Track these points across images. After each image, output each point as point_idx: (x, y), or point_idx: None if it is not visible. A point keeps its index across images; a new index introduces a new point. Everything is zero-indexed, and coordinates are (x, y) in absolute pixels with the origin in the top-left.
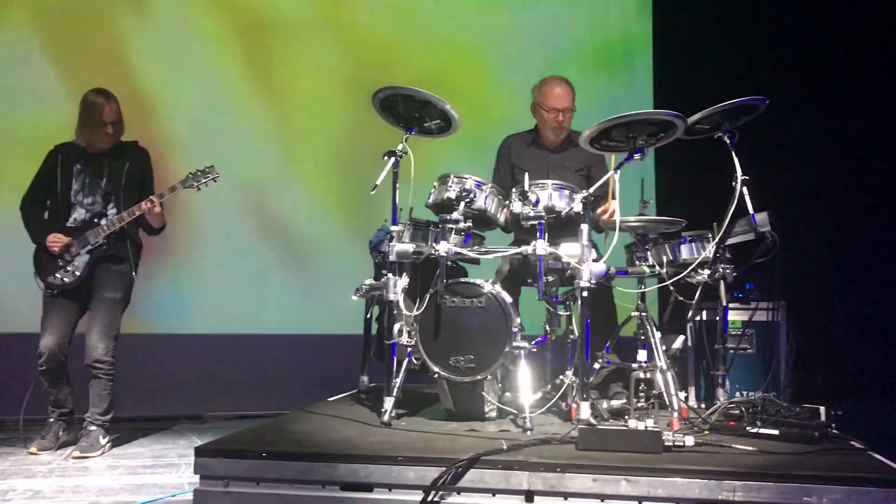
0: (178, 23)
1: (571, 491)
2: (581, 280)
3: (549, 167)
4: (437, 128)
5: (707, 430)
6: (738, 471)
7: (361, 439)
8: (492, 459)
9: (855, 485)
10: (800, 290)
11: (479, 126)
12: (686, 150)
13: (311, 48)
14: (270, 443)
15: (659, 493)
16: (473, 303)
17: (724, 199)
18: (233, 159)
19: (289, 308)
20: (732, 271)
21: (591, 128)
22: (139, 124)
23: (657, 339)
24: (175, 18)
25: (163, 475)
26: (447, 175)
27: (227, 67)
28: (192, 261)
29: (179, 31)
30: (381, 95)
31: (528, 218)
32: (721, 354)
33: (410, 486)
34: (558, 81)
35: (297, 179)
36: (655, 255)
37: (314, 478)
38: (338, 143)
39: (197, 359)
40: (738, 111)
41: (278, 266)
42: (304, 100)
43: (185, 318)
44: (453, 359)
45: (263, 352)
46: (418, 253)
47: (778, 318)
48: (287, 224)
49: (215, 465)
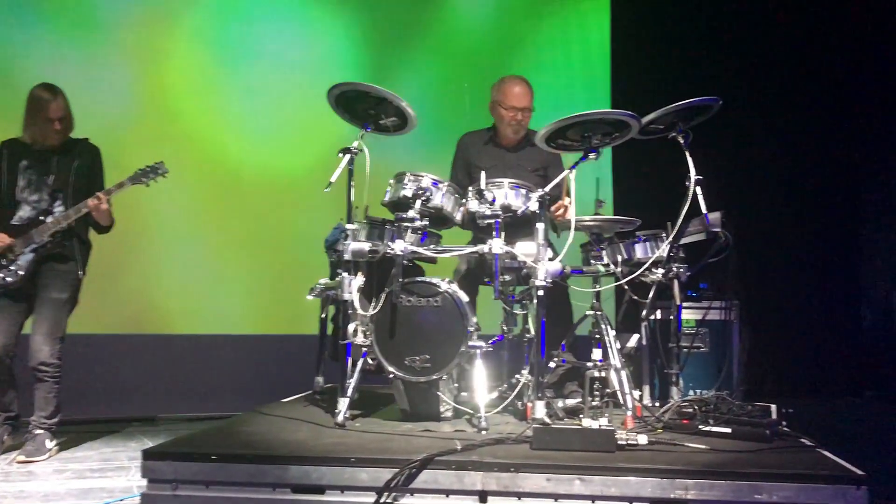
0: (131, 10)
1: (525, 491)
2: (537, 279)
3: (506, 166)
4: (394, 125)
5: (660, 428)
6: (690, 469)
7: (314, 441)
8: (446, 460)
9: (804, 482)
10: (752, 290)
11: (438, 127)
12: (643, 150)
13: (269, 42)
14: (221, 445)
15: (612, 492)
16: (429, 302)
17: (679, 198)
18: (186, 157)
19: (244, 308)
20: (686, 271)
21: (547, 126)
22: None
23: (612, 337)
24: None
25: (111, 479)
26: (403, 173)
27: (184, 65)
28: (143, 260)
29: (135, 21)
30: (335, 92)
31: (484, 216)
32: (675, 353)
33: (363, 488)
34: (518, 81)
35: (251, 178)
36: (610, 255)
37: (265, 480)
38: (293, 140)
39: (149, 360)
40: (692, 111)
41: (232, 266)
42: (260, 95)
43: (136, 319)
44: (409, 359)
45: (217, 353)
46: (374, 252)
47: (731, 316)
48: (240, 222)
49: (163, 468)
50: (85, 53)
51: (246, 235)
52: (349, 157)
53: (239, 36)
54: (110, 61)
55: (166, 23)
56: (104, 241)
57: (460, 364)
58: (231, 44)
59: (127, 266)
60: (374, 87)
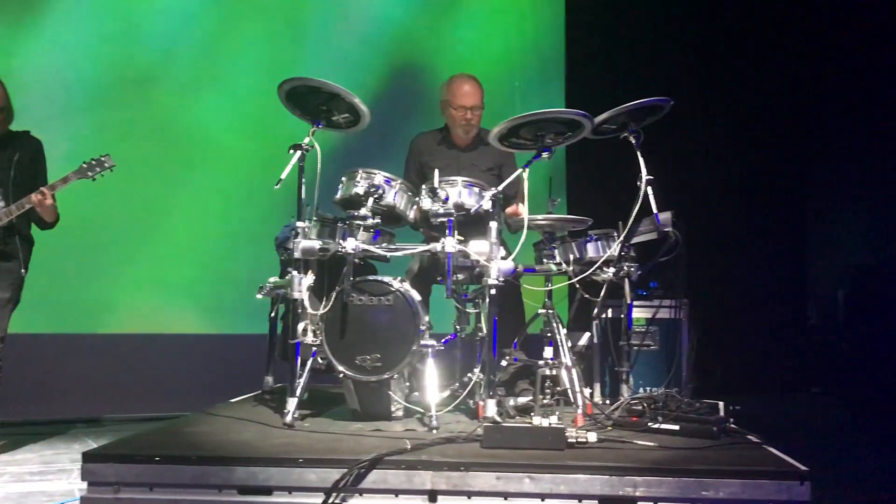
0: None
1: (475, 490)
2: (489, 278)
3: (460, 166)
4: (346, 122)
5: (610, 426)
6: (638, 466)
7: (262, 441)
8: (395, 459)
9: (749, 478)
10: (701, 289)
11: (395, 129)
12: (596, 150)
13: (217, 31)
14: (165, 446)
15: (561, 489)
16: (381, 301)
17: (630, 198)
18: (132, 151)
19: (192, 307)
20: (637, 269)
21: (500, 125)
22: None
23: (563, 336)
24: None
25: (52, 482)
26: (355, 170)
27: (124, 56)
28: (88, 257)
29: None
30: (286, 87)
31: (437, 215)
32: (625, 351)
33: (311, 489)
34: (467, 79)
35: (200, 173)
36: (562, 254)
37: (210, 482)
38: (243, 134)
39: (95, 360)
40: (644, 111)
41: (180, 263)
42: (208, 89)
43: (82, 318)
44: (360, 358)
45: (166, 352)
46: (325, 250)
47: (680, 315)
48: (189, 220)
49: (104, 470)
50: (25, 42)
51: (193, 233)
52: (300, 154)
53: (182, 29)
54: (50, 49)
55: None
56: (46, 237)
57: (412, 363)
58: (174, 38)
59: (70, 263)
60: (326, 82)
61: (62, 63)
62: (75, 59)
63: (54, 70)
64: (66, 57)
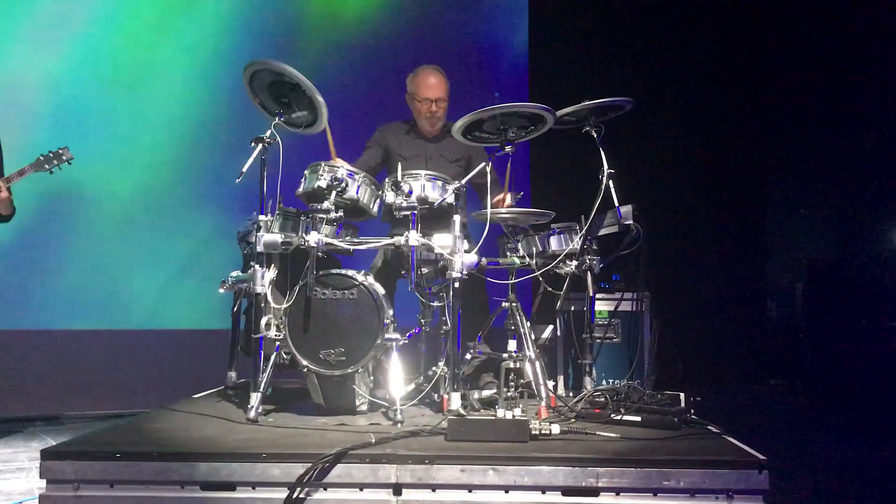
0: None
1: (439, 482)
2: (453, 271)
3: (428, 156)
4: (304, 122)
5: (573, 417)
6: (601, 457)
7: (224, 437)
8: (359, 453)
9: (709, 468)
10: (662, 282)
11: (357, 123)
12: (558, 144)
13: (178, 25)
14: (126, 443)
15: (525, 481)
16: (345, 295)
17: (592, 192)
18: (92, 143)
19: (153, 302)
20: (599, 262)
21: (463, 118)
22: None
23: (527, 329)
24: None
25: (10, 481)
26: (318, 163)
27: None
28: (46, 252)
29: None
30: (250, 70)
31: (400, 208)
32: (588, 344)
33: (275, 484)
34: (432, 71)
35: (161, 166)
36: (526, 247)
37: (172, 478)
38: (203, 126)
39: (53, 356)
40: (605, 108)
41: (140, 258)
42: (168, 79)
43: (39, 314)
44: (323, 352)
45: (127, 348)
46: (287, 243)
47: (642, 308)
48: (150, 213)
49: (64, 468)
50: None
51: (155, 226)
52: (261, 147)
53: (145, 18)
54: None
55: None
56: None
57: (376, 357)
58: (135, 23)
59: (28, 257)
60: (290, 70)
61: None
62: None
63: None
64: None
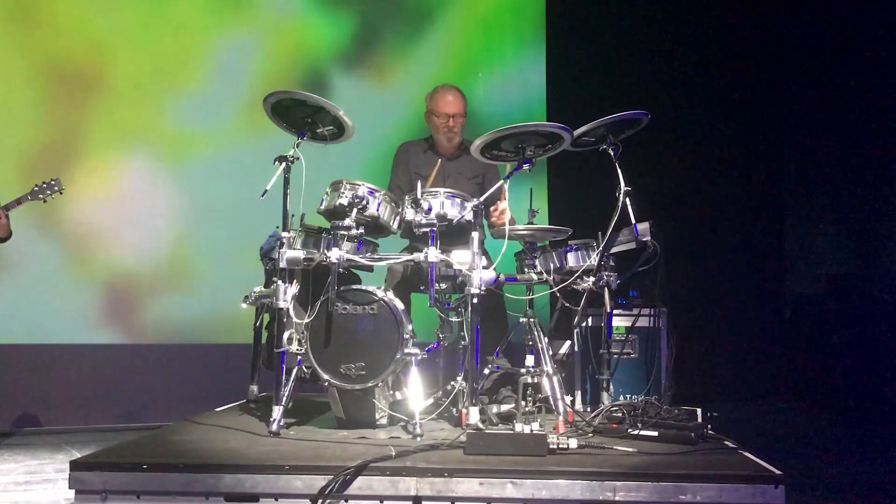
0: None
1: (458, 495)
2: (472, 287)
3: (445, 174)
4: (330, 134)
5: (591, 432)
6: (618, 471)
7: (248, 449)
8: (380, 466)
9: (726, 482)
10: (679, 297)
11: (376, 136)
12: (575, 162)
13: (202, 48)
14: (152, 454)
15: (543, 494)
16: (365, 310)
17: (609, 209)
18: (120, 156)
19: (178, 317)
20: (616, 279)
21: (482, 137)
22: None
23: (545, 344)
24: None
25: (36, 492)
26: (339, 181)
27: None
28: (77, 265)
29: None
30: (272, 100)
31: (420, 225)
32: (605, 359)
33: (297, 495)
34: (450, 89)
35: (186, 183)
36: (543, 263)
37: (197, 489)
38: (228, 146)
39: (76, 370)
40: (622, 124)
41: (166, 273)
42: (194, 98)
43: (71, 329)
44: (344, 366)
45: (150, 362)
46: (309, 259)
47: (659, 323)
48: (176, 231)
49: (92, 478)
50: None
51: (180, 243)
52: (285, 165)
53: (170, 40)
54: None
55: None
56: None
57: (395, 371)
58: (161, 48)
59: (53, 271)
60: (311, 95)
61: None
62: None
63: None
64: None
